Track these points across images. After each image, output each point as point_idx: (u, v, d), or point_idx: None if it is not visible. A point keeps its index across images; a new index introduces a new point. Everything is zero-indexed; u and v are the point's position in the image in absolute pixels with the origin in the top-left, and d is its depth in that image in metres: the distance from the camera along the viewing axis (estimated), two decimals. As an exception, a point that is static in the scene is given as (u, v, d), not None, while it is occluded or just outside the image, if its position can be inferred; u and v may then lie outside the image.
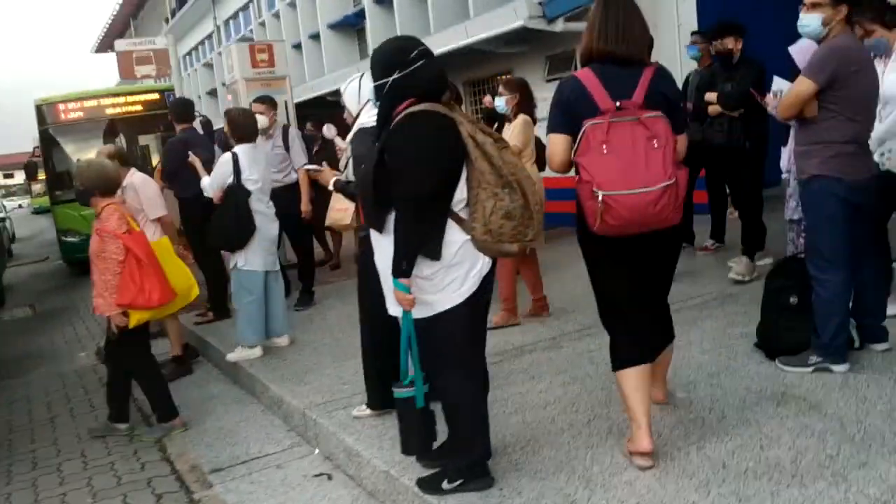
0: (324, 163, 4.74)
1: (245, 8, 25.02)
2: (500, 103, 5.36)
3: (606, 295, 3.16)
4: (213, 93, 27.70)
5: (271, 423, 4.70)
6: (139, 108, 12.89)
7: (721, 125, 5.90)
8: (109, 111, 12.91)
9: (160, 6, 34.34)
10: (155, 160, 12.91)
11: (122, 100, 12.96)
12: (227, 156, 5.42)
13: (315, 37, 19.70)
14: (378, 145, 2.93)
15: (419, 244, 2.83)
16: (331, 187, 3.69)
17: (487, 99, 8.13)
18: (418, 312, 2.95)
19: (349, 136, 3.96)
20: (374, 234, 3.05)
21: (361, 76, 4.00)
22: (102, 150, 5.66)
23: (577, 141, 2.87)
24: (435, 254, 2.85)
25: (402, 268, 2.82)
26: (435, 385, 3.07)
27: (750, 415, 3.40)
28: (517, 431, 3.55)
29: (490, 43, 10.89)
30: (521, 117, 5.20)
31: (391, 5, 15.82)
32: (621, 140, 2.79)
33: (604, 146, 2.80)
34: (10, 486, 4.35)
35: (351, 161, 3.80)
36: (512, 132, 5.15)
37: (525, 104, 5.29)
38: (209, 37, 28.67)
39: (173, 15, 31.67)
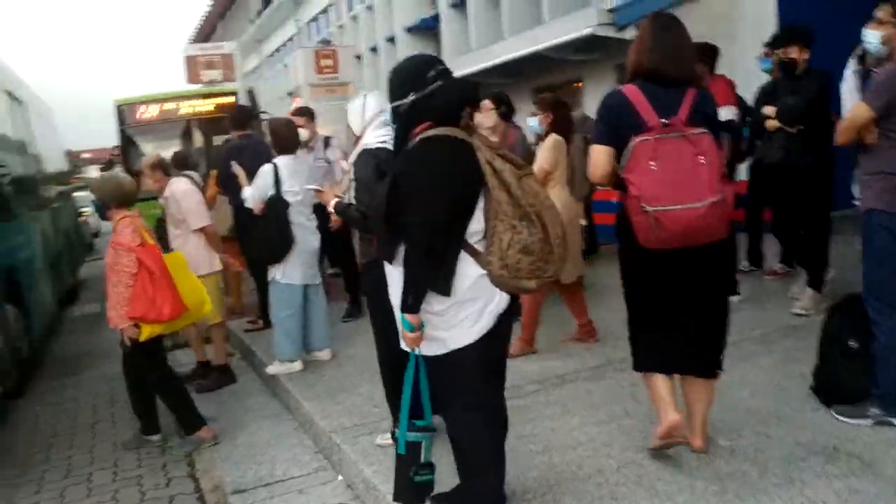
0: (325, 183, 4.60)
1: (325, 11, 25.38)
2: (534, 123, 5.14)
3: (641, 306, 3.17)
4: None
5: (301, 443, 4.59)
6: (213, 109, 13.14)
7: (779, 141, 5.41)
8: (185, 112, 13.20)
9: (247, 8, 35.17)
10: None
11: (197, 101, 13.25)
12: (268, 167, 5.36)
13: (391, 40, 19.78)
14: (392, 171, 2.78)
15: (428, 277, 2.65)
16: (331, 209, 3.56)
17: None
18: (428, 349, 2.78)
19: (351, 157, 3.84)
20: (386, 265, 2.89)
21: (366, 95, 3.93)
22: (147, 158, 5.67)
23: (624, 156, 2.91)
24: (445, 289, 2.67)
25: (409, 303, 2.65)
26: (445, 423, 2.91)
27: (795, 472, 3.10)
28: (540, 475, 3.33)
29: (560, 50, 10.65)
30: (552, 137, 4.96)
31: (465, 9, 15.72)
32: (669, 156, 2.83)
33: (651, 162, 2.84)
34: (39, 495, 4.38)
35: (353, 184, 3.67)
36: (540, 153, 4.92)
37: (560, 123, 5.04)
38: (291, 39, 29.20)
39: (258, 16, 32.41)
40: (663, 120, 2.84)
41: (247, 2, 34.78)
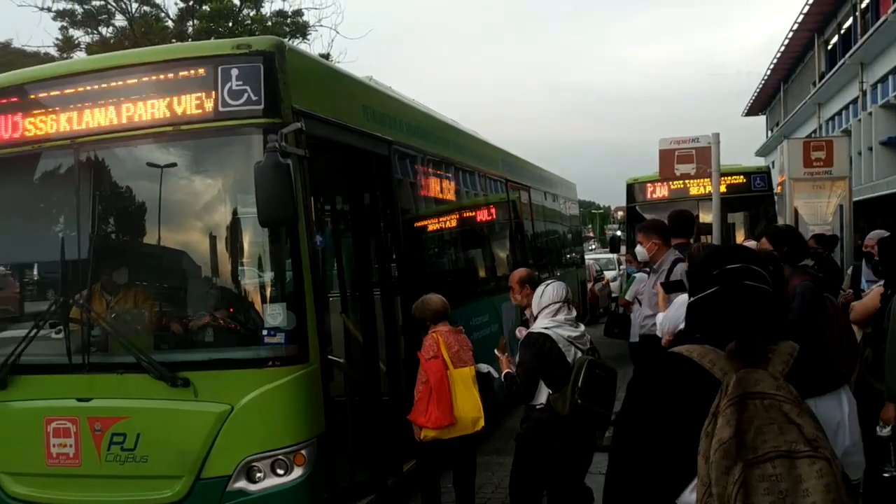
0: (506, 353, 4.67)
1: (895, 71, 22.51)
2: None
3: None
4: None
5: None
6: (725, 190, 12.58)
7: None
8: (695, 192, 12.88)
9: (810, 70, 33.37)
10: (739, 237, 12.61)
11: (706, 181, 12.87)
12: (684, 298, 4.74)
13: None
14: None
15: None
16: (503, 376, 4.31)
17: None
18: None
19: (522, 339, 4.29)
20: None
21: (548, 284, 4.28)
22: (516, 273, 5.12)
23: None
24: None
25: None
26: None
27: None
28: None
29: None
30: None
31: None
32: None
33: None
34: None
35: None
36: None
37: None
38: (855, 101, 26.64)
39: (821, 78, 30.44)
40: None
41: (811, 64, 32.90)
